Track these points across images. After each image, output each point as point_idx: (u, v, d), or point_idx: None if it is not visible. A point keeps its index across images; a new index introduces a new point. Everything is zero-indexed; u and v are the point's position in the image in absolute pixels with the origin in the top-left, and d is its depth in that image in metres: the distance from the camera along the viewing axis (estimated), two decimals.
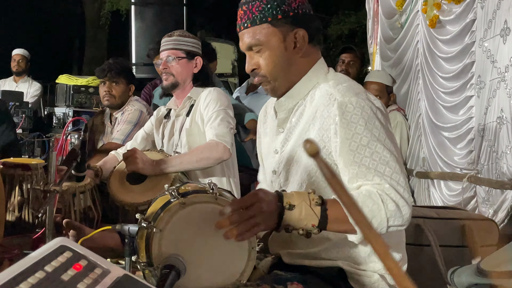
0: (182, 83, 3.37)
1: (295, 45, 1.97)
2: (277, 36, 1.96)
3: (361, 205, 1.69)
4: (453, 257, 2.66)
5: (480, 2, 4.24)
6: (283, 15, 1.94)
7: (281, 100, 2.05)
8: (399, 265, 1.95)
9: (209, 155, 3.05)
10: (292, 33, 1.96)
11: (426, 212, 2.78)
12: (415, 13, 5.21)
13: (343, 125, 1.82)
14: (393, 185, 1.73)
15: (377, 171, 1.76)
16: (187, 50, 3.35)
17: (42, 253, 0.99)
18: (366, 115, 1.82)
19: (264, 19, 1.95)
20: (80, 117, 3.79)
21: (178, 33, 3.40)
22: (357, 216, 1.04)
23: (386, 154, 1.78)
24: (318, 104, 1.93)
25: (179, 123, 3.38)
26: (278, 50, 1.97)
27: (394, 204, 1.71)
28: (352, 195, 1.71)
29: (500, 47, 3.96)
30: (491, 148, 4.06)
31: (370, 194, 1.72)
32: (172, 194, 1.79)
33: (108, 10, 14.51)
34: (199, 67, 3.37)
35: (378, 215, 1.70)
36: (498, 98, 3.96)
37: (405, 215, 1.73)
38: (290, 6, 1.94)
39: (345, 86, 1.91)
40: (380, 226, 1.72)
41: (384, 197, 1.71)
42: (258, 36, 1.97)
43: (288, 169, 2.02)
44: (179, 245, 1.74)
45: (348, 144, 1.81)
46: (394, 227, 1.74)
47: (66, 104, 5.56)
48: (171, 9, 6.66)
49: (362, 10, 7.66)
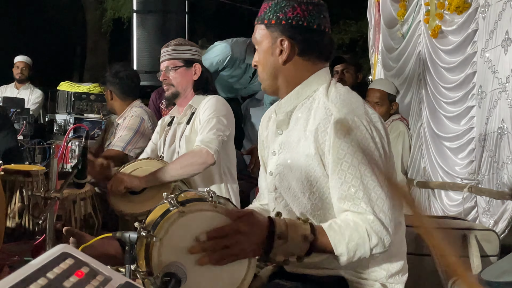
0: (182, 92, 3.38)
1: (279, 52, 2.00)
2: (268, 39, 2.02)
3: (347, 240, 1.78)
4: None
5: (481, 12, 4.25)
6: (276, 21, 1.99)
7: (281, 102, 2.08)
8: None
9: (192, 161, 3.07)
10: (278, 40, 1.99)
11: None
12: (417, 23, 5.23)
13: (336, 144, 1.85)
14: (377, 216, 1.80)
15: (365, 195, 1.81)
16: (184, 58, 3.37)
17: (44, 260, 0.99)
18: (360, 135, 1.85)
19: (263, 21, 2.03)
20: (81, 124, 3.79)
21: (175, 43, 3.42)
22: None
23: (374, 179, 1.83)
24: (316, 116, 1.94)
25: (180, 131, 3.38)
26: (267, 53, 2.04)
27: (378, 237, 1.79)
28: (341, 226, 1.78)
29: (501, 57, 3.97)
30: (492, 158, 4.06)
31: (357, 228, 1.79)
32: (171, 203, 1.78)
33: (110, 18, 14.53)
34: (198, 74, 3.37)
35: (363, 247, 1.79)
36: (499, 108, 3.97)
37: (386, 243, 1.81)
38: (286, 14, 1.97)
39: (343, 100, 1.93)
40: (363, 255, 1.81)
41: (369, 231, 1.79)
42: (257, 34, 2.06)
43: (284, 171, 2.03)
44: (178, 253, 1.74)
45: (340, 163, 1.84)
46: (377, 254, 1.84)
47: (67, 111, 5.57)
48: (172, 17, 6.67)
49: (363, 20, 7.68)
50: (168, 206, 1.79)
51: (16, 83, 7.76)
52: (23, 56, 7.78)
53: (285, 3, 1.98)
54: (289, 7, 1.97)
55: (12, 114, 5.77)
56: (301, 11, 1.97)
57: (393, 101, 4.92)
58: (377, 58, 6.10)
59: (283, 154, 2.03)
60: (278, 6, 1.98)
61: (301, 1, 1.98)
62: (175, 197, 1.80)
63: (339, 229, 1.79)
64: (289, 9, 1.97)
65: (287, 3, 1.97)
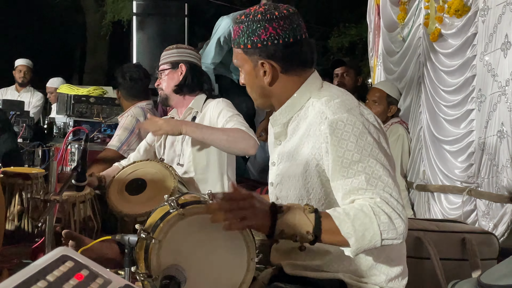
0: (169, 94, 3.43)
1: (264, 74, 1.99)
2: (248, 63, 2.01)
3: (353, 218, 1.71)
4: (453, 270, 2.65)
5: (481, 16, 4.25)
6: (252, 45, 1.96)
7: (276, 114, 2.07)
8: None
9: (240, 141, 3.01)
10: (259, 63, 1.97)
11: (426, 225, 2.77)
12: (417, 26, 5.23)
13: (333, 143, 1.83)
14: (385, 199, 1.74)
15: (370, 185, 1.77)
16: (170, 61, 3.43)
17: (44, 263, 0.99)
18: (357, 131, 1.83)
19: (238, 45, 2.00)
20: (81, 127, 3.78)
21: (165, 49, 3.52)
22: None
23: (378, 169, 1.79)
24: (311, 122, 1.94)
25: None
26: (250, 75, 2.02)
27: (387, 216, 1.71)
28: (344, 208, 1.74)
29: (500, 61, 3.97)
30: (492, 162, 4.06)
31: (362, 207, 1.73)
32: (171, 205, 1.79)
33: (110, 21, 14.52)
34: (183, 74, 3.39)
35: (371, 227, 1.71)
36: (498, 111, 3.97)
37: (398, 228, 1.72)
38: (259, 37, 1.94)
39: (337, 102, 1.92)
40: (374, 239, 1.72)
41: (376, 209, 1.72)
42: (236, 58, 2.04)
43: (284, 182, 2.03)
44: (178, 255, 1.74)
45: (340, 161, 1.82)
46: (389, 240, 1.73)
47: (66, 113, 5.55)
48: (172, 20, 6.68)
49: (362, 23, 7.69)
50: (169, 208, 1.79)
51: (17, 86, 7.76)
52: (24, 60, 7.78)
53: (255, 25, 1.93)
54: (261, 29, 1.93)
55: (12, 116, 5.75)
56: (273, 30, 1.93)
57: (392, 103, 4.93)
58: (376, 61, 6.10)
59: (282, 164, 2.03)
60: (250, 30, 1.94)
61: (271, 18, 1.93)
62: (176, 200, 1.81)
63: (343, 210, 1.75)
64: (261, 30, 1.93)
65: (257, 24, 1.93)
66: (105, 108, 5.58)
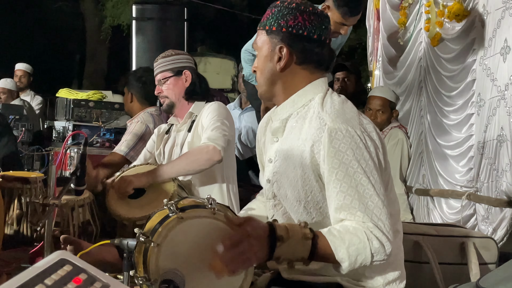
0: (177, 102, 3.39)
1: (279, 59, 2.00)
2: (268, 45, 2.02)
3: (348, 244, 1.76)
4: (452, 275, 2.64)
5: (481, 21, 4.26)
6: (277, 28, 1.99)
7: (277, 110, 2.08)
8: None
9: (199, 156, 3.04)
10: (277, 47, 1.99)
11: (425, 229, 2.77)
12: (418, 31, 5.24)
13: (330, 154, 1.85)
14: (375, 223, 1.79)
15: (362, 204, 1.80)
16: (172, 68, 3.37)
17: (42, 266, 0.99)
18: (354, 145, 1.85)
19: (264, 26, 2.03)
20: (80, 131, 3.78)
21: (162, 55, 3.43)
22: None
23: (370, 188, 1.82)
24: (311, 126, 1.94)
25: (180, 138, 3.37)
26: (266, 59, 2.04)
27: (378, 241, 1.77)
28: (340, 231, 1.77)
29: (500, 65, 3.97)
30: (491, 166, 4.06)
31: (357, 232, 1.78)
32: (171, 209, 1.79)
33: (109, 25, 14.55)
34: (189, 81, 3.37)
35: (363, 252, 1.77)
36: (498, 116, 3.97)
37: (387, 250, 1.79)
38: (287, 22, 1.97)
39: (337, 110, 1.93)
40: (365, 261, 1.79)
41: (370, 235, 1.77)
42: (258, 40, 2.07)
43: (282, 181, 2.03)
44: (177, 259, 1.74)
45: (335, 173, 1.84)
46: (378, 262, 1.81)
47: (66, 118, 5.55)
48: (172, 24, 6.68)
49: (362, 28, 7.67)
50: (168, 212, 1.79)
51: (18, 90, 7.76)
52: (22, 64, 7.78)
53: (287, 11, 1.97)
54: (291, 15, 1.97)
55: (11, 120, 5.76)
56: (302, 20, 1.96)
57: (394, 108, 4.94)
58: (375, 66, 6.10)
59: (279, 162, 2.03)
60: (280, 14, 1.98)
61: (304, 10, 1.97)
62: (175, 204, 1.81)
63: (339, 234, 1.78)
64: (290, 17, 1.97)
65: (289, 11, 1.97)
66: (104, 112, 5.59)
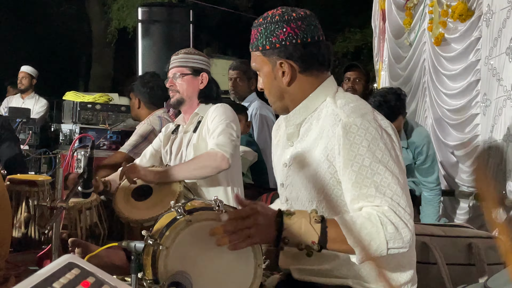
0: (187, 100, 3.38)
1: (283, 74, 2.00)
2: (267, 65, 2.01)
3: (359, 227, 1.73)
4: (459, 276, 2.63)
5: (485, 20, 4.25)
6: (270, 46, 1.97)
7: (290, 115, 2.07)
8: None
9: (207, 163, 3.06)
10: (278, 63, 1.99)
11: (432, 230, 2.76)
12: (423, 31, 5.23)
13: (345, 146, 1.84)
14: (393, 207, 1.75)
15: (378, 192, 1.78)
16: (192, 66, 3.37)
17: (51, 270, 0.99)
18: (369, 136, 1.84)
19: (257, 48, 2.01)
20: (87, 134, 3.78)
21: (184, 51, 3.43)
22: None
23: (387, 176, 1.80)
24: (325, 124, 1.94)
25: (186, 139, 3.38)
26: (269, 78, 2.03)
27: (393, 226, 1.73)
28: (352, 216, 1.75)
29: (506, 65, 3.97)
30: (498, 166, 4.05)
31: (370, 217, 1.75)
32: (178, 211, 1.79)
33: (115, 28, 14.58)
34: (205, 83, 3.38)
35: (377, 237, 1.73)
36: (504, 116, 3.96)
37: (405, 237, 1.74)
38: (278, 37, 1.95)
39: (352, 106, 1.92)
40: (380, 248, 1.74)
41: (384, 219, 1.73)
42: (255, 61, 2.05)
43: (295, 183, 2.03)
44: (185, 262, 1.74)
45: (350, 165, 1.83)
46: (395, 249, 1.75)
47: (72, 120, 5.56)
48: (177, 27, 6.68)
49: (368, 28, 7.67)
50: (176, 214, 1.79)
51: (21, 93, 7.80)
52: (26, 66, 7.81)
53: (274, 26, 1.96)
54: (279, 29, 1.95)
55: (18, 124, 5.78)
56: (291, 30, 1.95)
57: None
58: (381, 66, 6.09)
59: (294, 165, 2.03)
60: (268, 31, 1.97)
61: (289, 19, 1.95)
62: (182, 206, 1.81)
63: (350, 218, 1.77)
64: (279, 31, 1.95)
65: (276, 25, 1.95)
66: (111, 115, 5.60)
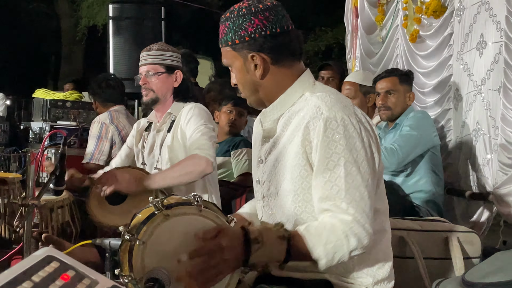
0: (162, 98, 3.31)
1: (255, 68, 1.97)
2: (238, 60, 1.99)
3: (325, 241, 1.77)
4: (436, 269, 2.64)
5: (457, 16, 4.29)
6: (240, 40, 1.95)
7: (266, 111, 2.05)
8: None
9: (192, 169, 3.00)
10: (249, 56, 1.96)
11: (409, 224, 2.76)
12: (395, 28, 5.26)
13: (323, 143, 1.84)
14: (356, 216, 1.79)
15: (348, 194, 1.80)
16: (166, 64, 3.29)
17: (29, 263, 0.96)
18: (348, 134, 1.84)
19: (226, 43, 1.99)
20: (59, 130, 3.73)
21: (157, 47, 3.33)
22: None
23: (358, 178, 1.82)
24: (305, 116, 1.92)
25: (159, 139, 3.32)
26: (242, 72, 2.00)
27: (356, 238, 1.78)
28: (317, 228, 1.78)
29: (476, 60, 4.00)
30: (468, 161, 4.10)
31: (334, 229, 1.78)
32: (156, 206, 1.76)
33: (85, 25, 14.43)
34: (179, 81, 3.32)
35: (341, 249, 1.78)
36: (474, 110, 4.00)
37: (365, 245, 1.80)
38: (246, 30, 1.93)
39: (333, 99, 1.91)
40: (342, 258, 1.80)
41: (347, 232, 1.77)
42: (225, 57, 2.03)
43: (271, 179, 2.01)
44: (163, 258, 1.71)
45: (326, 162, 1.83)
46: (356, 255, 1.82)
47: (42, 118, 5.47)
48: (149, 24, 6.62)
49: (338, 27, 7.74)
50: (153, 209, 1.76)
51: None
52: None
53: (241, 20, 1.93)
54: (247, 22, 1.92)
55: None
56: (259, 22, 1.92)
57: (369, 92, 4.36)
58: (354, 63, 6.12)
59: (270, 161, 2.02)
60: (236, 25, 1.94)
61: (256, 11, 1.93)
62: (160, 201, 1.78)
63: (316, 231, 1.78)
64: (247, 24, 1.92)
65: (243, 19, 1.93)
66: (82, 112, 5.53)
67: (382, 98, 3.91)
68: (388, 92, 3.90)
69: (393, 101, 3.89)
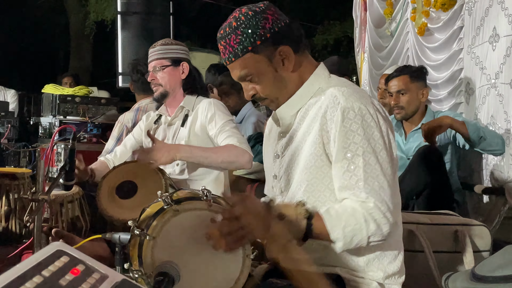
0: (171, 92, 3.33)
1: (283, 62, 1.95)
2: (263, 62, 1.94)
3: (344, 224, 1.77)
4: (446, 263, 2.64)
5: (467, 9, 4.26)
6: (261, 40, 1.91)
7: (282, 108, 2.03)
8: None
9: (235, 159, 2.99)
10: (276, 52, 1.93)
11: (419, 218, 2.76)
12: (405, 21, 5.24)
13: (341, 133, 1.84)
14: (377, 204, 1.79)
15: (367, 184, 1.80)
16: (171, 57, 3.32)
17: (39, 258, 0.96)
18: (365, 124, 1.84)
19: (245, 50, 1.92)
20: (68, 125, 3.73)
21: (161, 43, 3.37)
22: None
23: (377, 168, 1.82)
24: (322, 105, 1.92)
25: (171, 132, 3.32)
26: (269, 73, 1.96)
27: (375, 224, 1.78)
28: (338, 211, 1.78)
29: (489, 53, 3.97)
30: (482, 155, 4.07)
31: (354, 213, 1.78)
32: (165, 201, 1.77)
33: (93, 20, 14.44)
34: (186, 73, 3.33)
35: (359, 233, 1.78)
36: (488, 104, 3.98)
37: (385, 232, 1.80)
38: (265, 28, 1.90)
39: (350, 90, 1.91)
40: (360, 242, 1.80)
41: (367, 217, 1.77)
42: (246, 67, 1.95)
43: (289, 173, 2.01)
44: (172, 252, 1.72)
45: (344, 152, 1.83)
46: (374, 243, 1.82)
47: (52, 113, 5.50)
48: (157, 19, 6.64)
49: (347, 20, 7.71)
50: (163, 204, 1.77)
51: None
52: None
53: (254, 21, 1.90)
54: (262, 20, 1.90)
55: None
56: (272, 16, 1.92)
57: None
58: (363, 57, 6.10)
59: (287, 154, 2.02)
60: (250, 29, 1.90)
61: (262, 10, 1.91)
62: (170, 196, 1.79)
63: (336, 213, 1.79)
64: (262, 22, 1.90)
65: (255, 19, 1.90)
66: (91, 107, 5.54)
67: (395, 98, 3.89)
68: (400, 92, 3.88)
69: (405, 100, 3.87)
